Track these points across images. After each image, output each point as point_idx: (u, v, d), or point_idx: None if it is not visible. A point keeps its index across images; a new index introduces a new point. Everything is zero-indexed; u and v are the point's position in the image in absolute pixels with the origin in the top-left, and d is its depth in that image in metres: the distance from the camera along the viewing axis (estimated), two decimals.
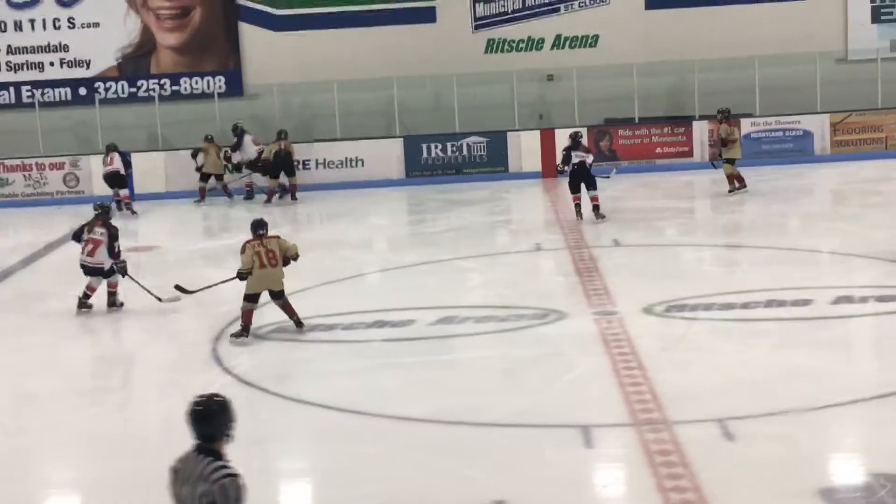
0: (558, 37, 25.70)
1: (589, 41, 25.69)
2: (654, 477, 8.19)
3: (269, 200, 22.67)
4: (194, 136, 24.16)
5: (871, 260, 14.80)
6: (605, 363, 10.97)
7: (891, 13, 25.52)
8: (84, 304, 14.09)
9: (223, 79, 25.80)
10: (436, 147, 24.25)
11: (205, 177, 23.09)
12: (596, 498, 8.33)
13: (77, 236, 14.35)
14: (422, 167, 24.30)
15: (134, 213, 22.12)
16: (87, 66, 25.93)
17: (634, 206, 20.85)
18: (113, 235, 14.03)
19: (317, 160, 24.31)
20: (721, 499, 7.76)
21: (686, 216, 20.56)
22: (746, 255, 15.96)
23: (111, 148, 22.57)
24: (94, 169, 23.96)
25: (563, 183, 22.50)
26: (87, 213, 22.38)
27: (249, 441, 9.64)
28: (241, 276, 12.56)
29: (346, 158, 24.37)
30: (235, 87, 25.78)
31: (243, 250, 12.59)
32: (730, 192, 20.53)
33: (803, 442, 8.80)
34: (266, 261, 12.53)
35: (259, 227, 12.72)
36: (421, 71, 24.97)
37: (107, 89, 25.90)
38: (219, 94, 25.51)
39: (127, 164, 23.05)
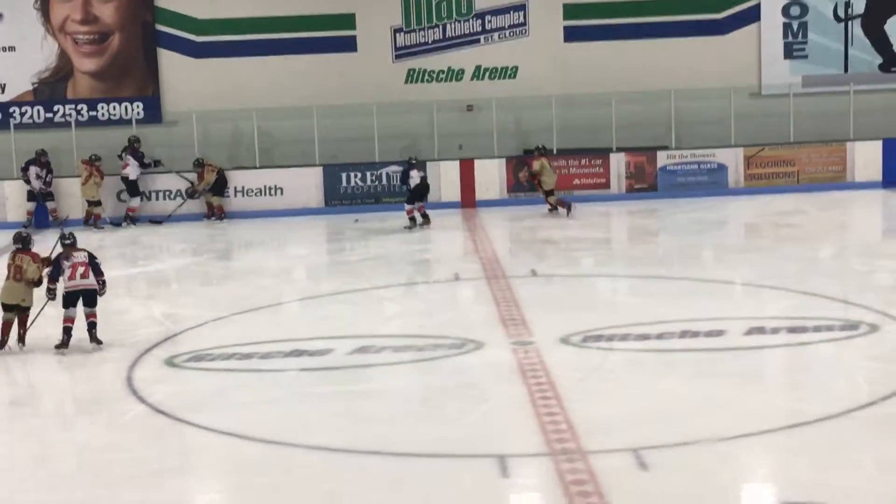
0: (478, 68, 25.90)
1: (508, 72, 25.91)
2: None
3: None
4: (112, 162, 23.98)
5: (783, 291, 15.07)
6: (522, 393, 11.02)
7: (803, 49, 26.09)
8: (68, 341, 13.30)
9: (141, 105, 25.59)
10: (355, 176, 24.26)
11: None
12: None
13: (55, 272, 13.56)
14: (341, 196, 24.28)
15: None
16: (2, 91, 25.58)
17: (551, 237, 21.03)
18: (92, 255, 13.61)
19: (236, 188, 24.19)
20: None
21: (603, 247, 20.77)
22: (661, 286, 16.15)
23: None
24: (8, 194, 23.60)
25: (482, 213, 22.70)
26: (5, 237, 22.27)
27: (164, 471, 9.55)
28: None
29: (265, 186, 24.30)
30: (154, 113, 25.59)
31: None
32: (556, 212, 22.13)
33: (715, 472, 8.91)
34: (12, 274, 13.24)
35: (16, 241, 13.48)
36: (341, 100, 25.00)
37: (22, 114, 25.56)
38: (137, 120, 25.30)
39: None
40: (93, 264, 13.51)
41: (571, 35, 25.89)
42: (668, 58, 25.72)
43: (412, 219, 21.65)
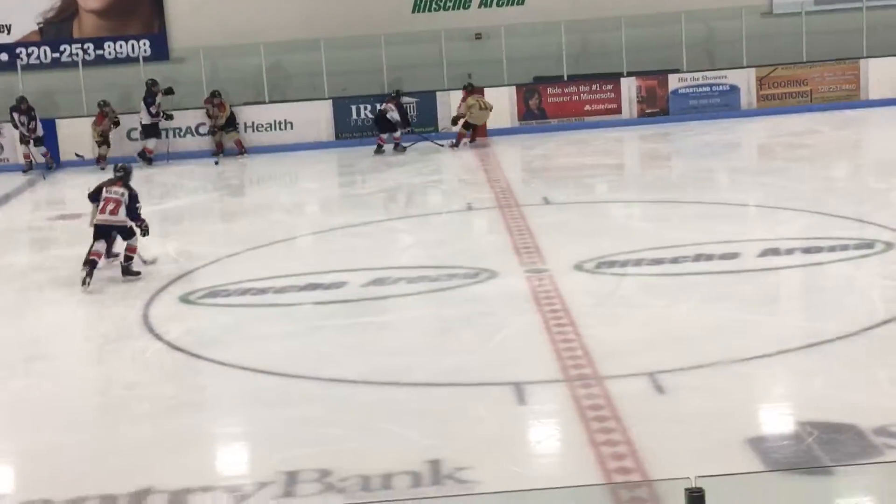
0: None
1: None
2: (587, 431, 8.27)
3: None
4: (120, 101, 23.93)
5: (797, 212, 15.00)
6: (537, 320, 11.04)
7: None
8: (92, 272, 13.41)
9: (148, 42, 25.44)
10: (365, 108, 24.12)
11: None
12: (530, 454, 8.40)
13: (94, 196, 13.90)
14: (351, 129, 24.17)
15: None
16: (8, 32, 25.44)
17: (564, 164, 20.99)
18: (134, 196, 13.73)
19: (245, 123, 24.10)
20: (652, 451, 7.86)
21: (615, 173, 20.69)
22: (675, 211, 16.09)
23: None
24: (16, 136, 23.56)
25: (494, 141, 22.61)
26: (11, 180, 22.32)
27: (183, 406, 9.62)
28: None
29: (275, 121, 24.19)
30: (161, 50, 25.44)
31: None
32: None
33: (732, 393, 8.92)
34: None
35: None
36: (348, 32, 24.78)
37: (29, 55, 25.44)
38: (144, 58, 25.16)
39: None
40: (130, 207, 13.58)
41: None
42: None
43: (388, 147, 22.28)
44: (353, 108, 24.20)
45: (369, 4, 25.26)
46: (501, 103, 23.97)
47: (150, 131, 23.47)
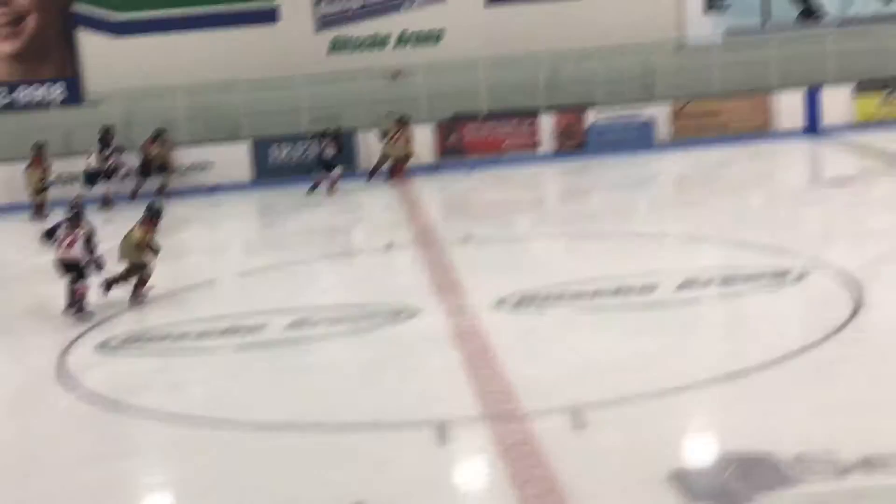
0: (402, 34, 25.74)
1: (433, 37, 25.79)
2: (510, 469, 8.28)
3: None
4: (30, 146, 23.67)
5: (715, 243, 15.22)
6: (458, 358, 11.05)
7: (724, 1, 26.22)
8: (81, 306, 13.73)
9: (62, 86, 25.16)
10: (284, 148, 24.05)
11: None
12: (454, 493, 8.39)
13: (50, 234, 13.99)
14: (271, 169, 24.06)
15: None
16: None
17: (484, 200, 21.07)
18: (91, 231, 13.99)
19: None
20: (576, 488, 7.88)
21: (535, 208, 20.80)
22: (595, 244, 16.23)
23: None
24: None
25: (414, 179, 22.64)
26: None
27: (99, 457, 9.46)
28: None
29: (194, 163, 24.01)
30: (75, 94, 25.16)
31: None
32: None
33: (653, 427, 8.99)
34: None
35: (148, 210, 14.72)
36: (266, 72, 24.72)
37: None
38: (58, 102, 24.86)
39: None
40: (87, 242, 13.84)
41: None
42: (593, 15, 25.68)
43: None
44: (272, 148, 24.10)
45: (285, 45, 25.23)
46: (421, 140, 24.04)
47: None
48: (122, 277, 14.34)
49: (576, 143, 24.40)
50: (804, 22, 26.34)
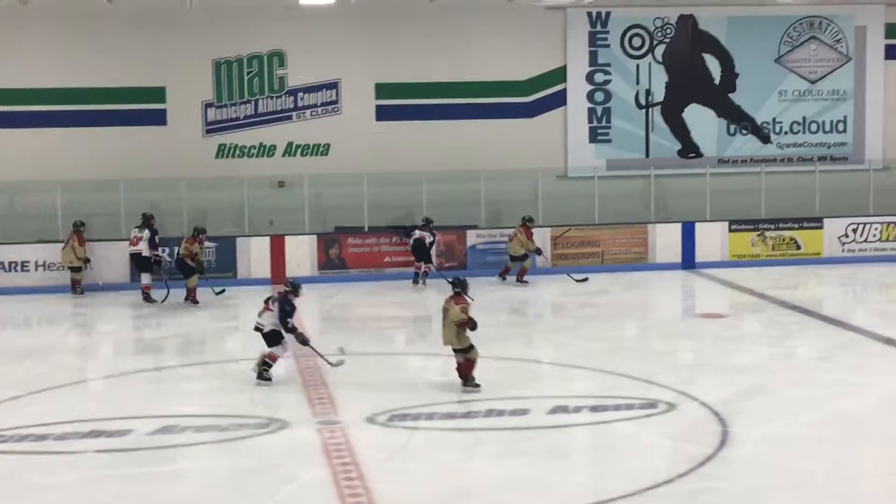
0: (290, 144, 25.89)
1: (321, 149, 25.98)
2: None
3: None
4: None
5: (587, 370, 15.37)
6: (326, 474, 10.93)
7: (607, 134, 26.97)
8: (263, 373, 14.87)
9: None
10: (163, 251, 23.77)
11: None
12: None
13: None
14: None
15: None
16: None
17: (362, 315, 21.05)
18: (285, 311, 14.98)
19: (36, 262, 23.40)
20: None
21: (413, 325, 20.83)
22: None
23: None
24: None
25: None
26: None
27: None
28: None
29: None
30: None
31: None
32: None
33: None
34: (443, 319, 14.40)
35: (455, 285, 14.51)
36: (151, 173, 24.58)
37: None
38: None
39: None
40: (281, 317, 15.02)
41: (383, 114, 26.16)
42: (479, 139, 26.21)
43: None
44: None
45: (172, 148, 25.16)
46: (302, 251, 24.05)
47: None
48: None
49: (456, 262, 24.60)
50: (683, 158, 27.19)
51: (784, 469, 11.20)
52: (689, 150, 27.32)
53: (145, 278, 22.35)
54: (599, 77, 26.92)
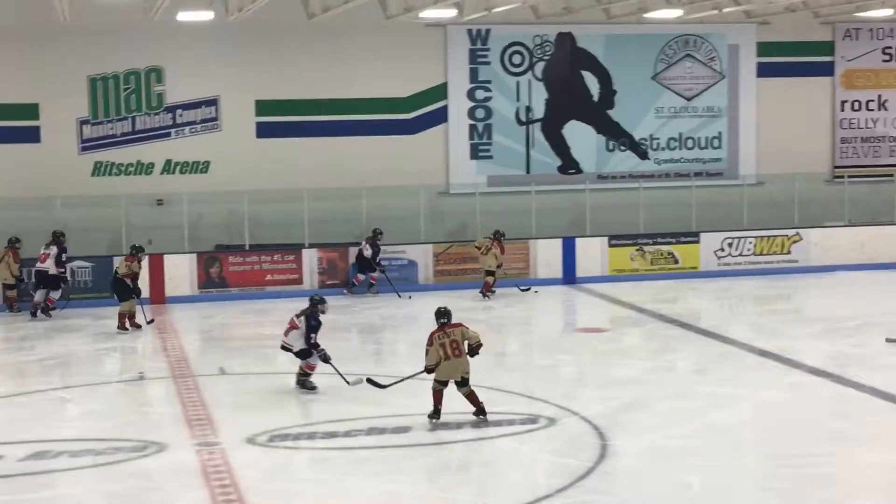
0: (168, 161, 25.55)
1: (200, 167, 25.68)
2: None
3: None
4: None
5: (346, 390, 15.30)
6: (205, 496, 10.76)
7: (488, 150, 27.14)
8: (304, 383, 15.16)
9: None
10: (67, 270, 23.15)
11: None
12: None
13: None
14: (28, 291, 23.13)
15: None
16: None
17: (243, 334, 20.83)
18: (312, 326, 15.01)
19: None
20: None
21: None
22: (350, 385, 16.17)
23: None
24: None
25: (172, 309, 22.21)
26: None
27: None
28: (429, 370, 13.23)
29: None
30: None
31: (430, 343, 13.18)
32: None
33: None
34: (450, 351, 13.09)
35: (441, 316, 13.37)
36: (25, 192, 24.04)
37: None
38: None
39: None
40: (307, 335, 15.12)
41: (264, 131, 25.97)
42: (361, 156, 26.16)
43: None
44: (26, 270, 23.20)
45: (46, 166, 24.64)
46: (182, 270, 23.73)
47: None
48: None
49: (339, 279, 24.50)
50: (563, 175, 27.49)
51: (661, 482, 11.35)
52: (569, 166, 27.64)
53: (39, 295, 21.99)
54: (480, 94, 27.09)
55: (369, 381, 14.38)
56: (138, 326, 20.52)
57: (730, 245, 26.31)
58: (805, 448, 12.51)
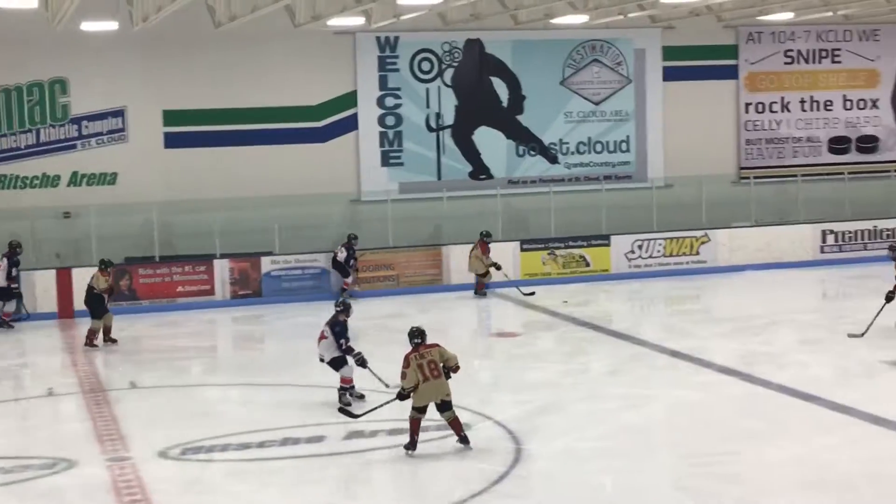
0: (75, 174, 25.18)
1: (107, 179, 25.35)
2: None
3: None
4: None
5: (383, 394, 15.31)
6: None
7: (399, 157, 27.14)
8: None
9: None
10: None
11: None
12: None
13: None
14: None
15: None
16: None
17: (155, 346, 20.60)
18: (337, 333, 14.67)
19: None
20: None
21: (207, 355, 20.53)
22: (266, 394, 16.10)
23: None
24: None
25: (81, 323, 21.89)
26: None
27: None
28: (403, 396, 12.39)
29: None
30: None
31: (406, 364, 12.34)
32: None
33: None
34: (429, 373, 12.31)
35: (415, 336, 12.55)
36: None
37: None
38: None
39: None
40: (336, 341, 14.82)
41: (172, 141, 25.70)
42: (272, 165, 26.00)
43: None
44: None
45: None
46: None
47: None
48: None
49: (251, 290, 24.33)
50: (474, 180, 27.59)
51: (575, 484, 11.44)
52: (480, 171, 27.75)
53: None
54: (390, 101, 27.09)
55: (341, 410, 13.80)
56: (114, 341, 20.12)
57: (640, 247, 26.60)
58: (716, 447, 12.67)
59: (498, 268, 24.11)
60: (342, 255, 24.09)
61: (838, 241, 27.68)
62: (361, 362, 14.94)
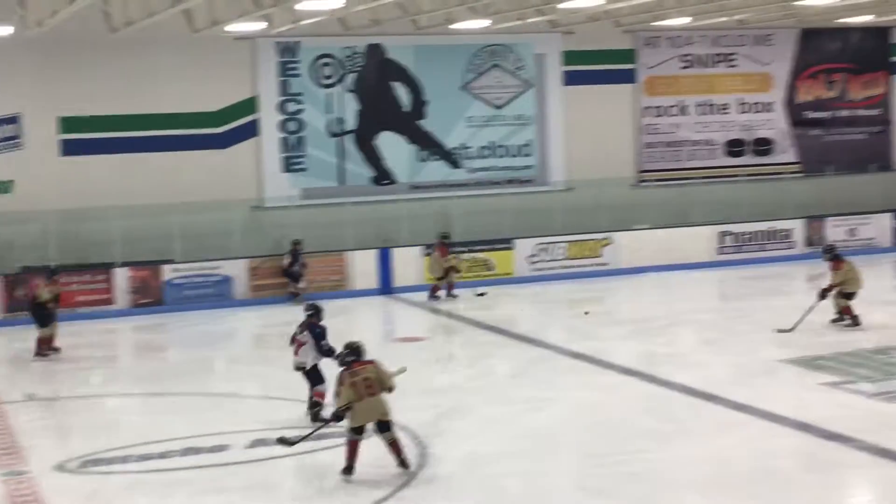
0: None
1: (2, 187, 24.83)
2: None
3: None
4: None
5: (289, 402, 15.23)
6: None
7: (301, 163, 26.98)
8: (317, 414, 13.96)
9: None
10: None
11: None
12: None
13: (292, 339, 14.58)
14: None
15: None
16: None
17: (54, 357, 20.16)
18: (318, 335, 14.33)
19: None
20: None
21: (108, 365, 20.18)
22: (168, 403, 15.90)
23: None
24: None
25: None
26: None
27: None
28: (338, 416, 11.85)
29: None
30: None
31: (340, 383, 11.87)
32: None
33: None
34: (364, 391, 11.79)
35: (351, 352, 12.18)
36: None
37: None
38: None
39: None
40: (317, 346, 14.38)
41: (70, 148, 25.24)
42: (172, 171, 25.67)
43: None
44: None
45: None
46: None
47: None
48: None
49: (152, 298, 24.01)
50: (377, 185, 27.55)
51: (480, 487, 11.48)
52: (383, 176, 27.71)
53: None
54: (291, 106, 26.93)
55: (279, 439, 12.82)
56: (57, 350, 19.68)
57: (543, 250, 26.80)
58: (619, 447, 12.81)
59: (458, 271, 24.40)
60: (286, 261, 24.29)
61: (736, 241, 28.20)
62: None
